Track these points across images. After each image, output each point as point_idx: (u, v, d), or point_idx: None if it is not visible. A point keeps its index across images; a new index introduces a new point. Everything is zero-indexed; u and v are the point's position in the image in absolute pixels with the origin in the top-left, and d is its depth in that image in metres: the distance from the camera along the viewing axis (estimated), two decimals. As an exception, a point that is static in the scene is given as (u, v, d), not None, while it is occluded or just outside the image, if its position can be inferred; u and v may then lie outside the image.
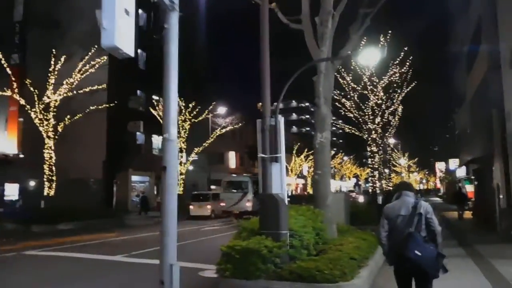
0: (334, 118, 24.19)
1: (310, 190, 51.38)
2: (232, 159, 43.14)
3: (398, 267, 3.58)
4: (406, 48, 16.60)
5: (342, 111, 17.99)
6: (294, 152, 44.66)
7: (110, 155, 25.59)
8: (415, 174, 71.55)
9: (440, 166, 49.03)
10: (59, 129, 18.47)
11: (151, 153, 29.04)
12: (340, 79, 17.18)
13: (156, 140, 29.57)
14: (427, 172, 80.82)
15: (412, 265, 3.35)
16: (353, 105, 17.49)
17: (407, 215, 3.51)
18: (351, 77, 17.18)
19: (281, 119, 6.32)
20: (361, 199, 18.02)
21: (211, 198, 22.89)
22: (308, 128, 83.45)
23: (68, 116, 19.11)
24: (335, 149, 69.15)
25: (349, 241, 7.25)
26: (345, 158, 66.17)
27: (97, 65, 18.85)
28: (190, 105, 25.32)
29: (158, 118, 24.51)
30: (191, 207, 22.20)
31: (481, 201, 15.35)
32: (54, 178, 17.52)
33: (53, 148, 17.55)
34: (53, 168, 17.43)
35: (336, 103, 18.19)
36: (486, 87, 12.58)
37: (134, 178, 27.85)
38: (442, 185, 54.76)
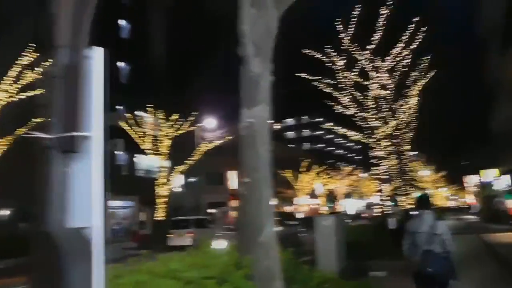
0: (333, 125, 19.79)
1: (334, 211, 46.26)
2: (233, 179, 39.32)
3: (417, 275, 4.32)
4: (417, 19, 12.61)
5: (338, 108, 13.91)
6: (300, 169, 40.52)
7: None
8: (444, 190, 64.88)
9: (468, 179, 43.36)
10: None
11: (134, 174, 25.92)
12: (330, 65, 13.29)
13: (140, 160, 26.51)
14: (457, 188, 73.87)
15: (427, 276, 4.19)
16: (351, 100, 13.42)
17: (425, 233, 4.21)
18: (345, 61, 13.19)
19: (97, 53, 2.53)
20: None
21: (194, 224, 19.56)
22: (322, 144, 79.88)
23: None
24: (354, 165, 64.69)
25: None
26: (365, 175, 61.01)
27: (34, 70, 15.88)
28: (173, 117, 22.11)
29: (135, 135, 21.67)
30: (171, 235, 18.98)
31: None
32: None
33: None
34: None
35: (329, 102, 14.20)
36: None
37: (114, 203, 24.62)
38: (476, 200, 48.60)
